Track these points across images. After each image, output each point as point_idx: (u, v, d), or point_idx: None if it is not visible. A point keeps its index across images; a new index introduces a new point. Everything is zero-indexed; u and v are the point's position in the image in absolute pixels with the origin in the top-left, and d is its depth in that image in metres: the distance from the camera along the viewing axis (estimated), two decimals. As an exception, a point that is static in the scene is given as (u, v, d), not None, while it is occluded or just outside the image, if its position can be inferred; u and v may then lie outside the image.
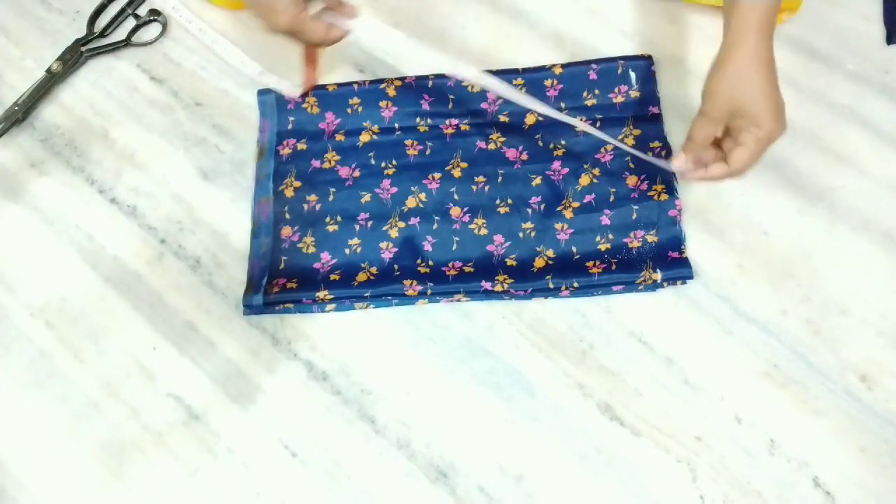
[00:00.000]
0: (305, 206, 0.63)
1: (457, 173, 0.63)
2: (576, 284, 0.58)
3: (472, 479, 0.54)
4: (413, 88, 0.66)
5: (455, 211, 0.62)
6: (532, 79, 0.66)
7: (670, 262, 0.58)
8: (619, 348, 0.56)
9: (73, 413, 0.58)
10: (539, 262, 0.59)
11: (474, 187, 0.62)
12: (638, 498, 0.52)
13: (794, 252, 0.58)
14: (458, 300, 0.59)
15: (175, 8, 0.69)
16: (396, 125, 0.66)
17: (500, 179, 0.63)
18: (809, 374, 0.54)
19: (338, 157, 0.65)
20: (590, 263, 0.58)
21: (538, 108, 0.58)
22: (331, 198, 0.63)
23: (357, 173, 0.64)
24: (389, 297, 0.59)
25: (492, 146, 0.64)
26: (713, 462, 0.53)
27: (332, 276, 0.60)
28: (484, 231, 0.61)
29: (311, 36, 0.53)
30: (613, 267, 0.58)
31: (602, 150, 0.63)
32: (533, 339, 0.57)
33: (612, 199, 0.61)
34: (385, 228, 0.62)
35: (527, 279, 0.58)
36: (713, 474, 0.52)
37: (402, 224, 0.62)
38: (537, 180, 0.62)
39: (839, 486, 0.51)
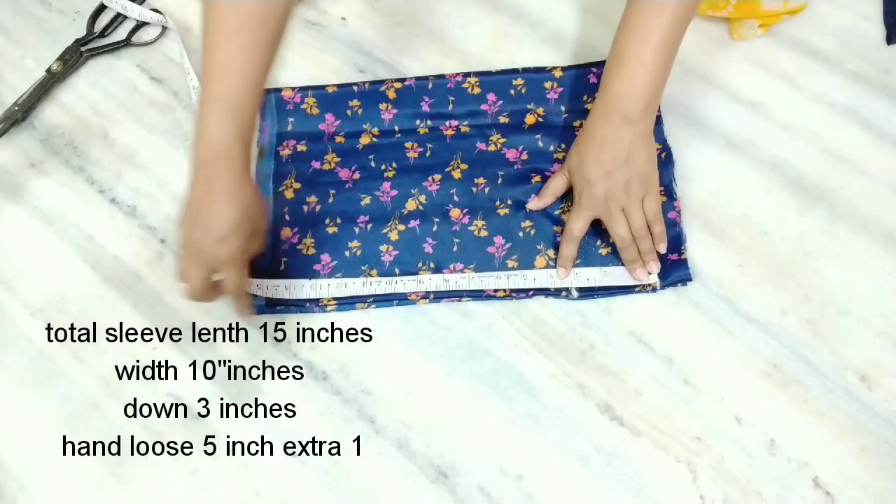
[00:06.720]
0: (305, 208, 0.63)
1: (457, 175, 0.63)
2: (575, 294, 0.58)
3: (472, 479, 0.54)
4: (413, 90, 0.66)
5: (455, 212, 0.62)
6: (532, 79, 0.66)
7: (669, 267, 0.58)
8: (619, 348, 0.56)
9: (73, 413, 0.58)
10: (540, 262, 0.59)
11: (474, 189, 0.62)
12: (638, 498, 0.52)
13: (794, 252, 0.58)
14: (459, 300, 0.59)
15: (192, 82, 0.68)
16: (396, 128, 0.66)
17: (500, 181, 0.63)
18: (809, 374, 0.54)
19: (338, 159, 0.65)
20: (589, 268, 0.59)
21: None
22: (330, 199, 0.63)
23: (357, 175, 0.64)
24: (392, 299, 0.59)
25: (492, 147, 0.64)
26: (713, 462, 0.53)
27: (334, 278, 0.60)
28: (484, 233, 0.61)
29: (233, 276, 0.53)
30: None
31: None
32: (533, 339, 0.57)
33: None
34: (385, 231, 0.61)
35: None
36: (713, 474, 0.52)
37: (401, 227, 0.61)
38: (537, 180, 0.62)
39: (839, 486, 0.51)
